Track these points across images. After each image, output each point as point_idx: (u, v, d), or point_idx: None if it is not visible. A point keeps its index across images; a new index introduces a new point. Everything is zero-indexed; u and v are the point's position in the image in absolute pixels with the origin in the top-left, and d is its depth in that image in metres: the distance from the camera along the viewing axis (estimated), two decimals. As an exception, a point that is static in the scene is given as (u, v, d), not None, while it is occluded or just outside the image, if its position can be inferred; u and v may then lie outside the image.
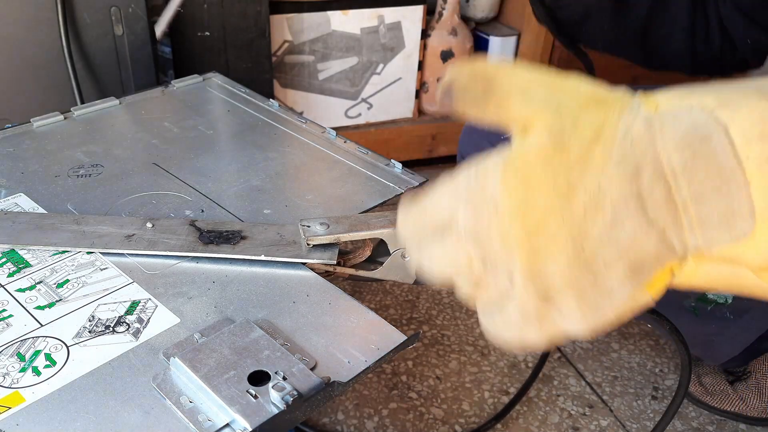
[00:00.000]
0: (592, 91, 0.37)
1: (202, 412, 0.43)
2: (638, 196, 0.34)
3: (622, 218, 0.34)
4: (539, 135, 0.36)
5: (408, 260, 0.58)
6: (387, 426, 1.00)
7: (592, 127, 0.35)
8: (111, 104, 0.83)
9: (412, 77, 1.49)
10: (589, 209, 0.35)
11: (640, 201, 0.34)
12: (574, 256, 0.35)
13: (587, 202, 0.35)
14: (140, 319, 0.51)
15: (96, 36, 1.05)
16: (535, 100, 0.37)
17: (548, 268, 0.35)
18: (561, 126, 0.36)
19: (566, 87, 0.37)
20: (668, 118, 0.34)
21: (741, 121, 0.32)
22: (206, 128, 0.79)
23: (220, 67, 1.23)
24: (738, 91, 0.34)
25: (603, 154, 0.35)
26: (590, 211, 0.35)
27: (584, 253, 0.35)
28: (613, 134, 0.35)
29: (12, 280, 0.54)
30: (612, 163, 0.34)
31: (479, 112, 0.40)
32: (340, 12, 1.36)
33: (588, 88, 0.37)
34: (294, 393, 0.42)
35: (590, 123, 0.35)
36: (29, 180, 0.68)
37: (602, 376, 1.10)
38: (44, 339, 0.49)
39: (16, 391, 0.45)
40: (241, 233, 0.59)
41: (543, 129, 0.36)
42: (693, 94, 0.34)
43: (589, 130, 0.35)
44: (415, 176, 0.71)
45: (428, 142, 1.55)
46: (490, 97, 0.39)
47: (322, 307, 0.52)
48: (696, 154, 0.33)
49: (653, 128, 0.34)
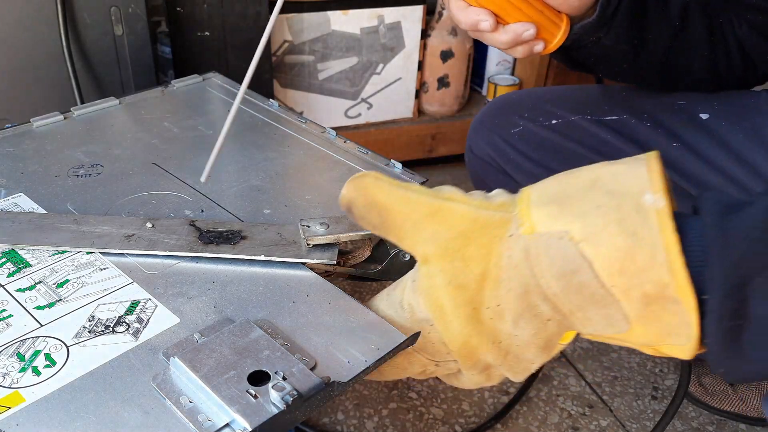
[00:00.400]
0: (474, 217, 0.44)
1: (202, 412, 0.43)
2: (530, 308, 0.43)
3: (521, 324, 0.43)
4: (440, 277, 0.44)
5: (407, 259, 0.58)
6: (387, 426, 1.00)
7: (480, 265, 0.43)
8: (111, 104, 0.83)
9: (412, 77, 1.49)
10: (495, 319, 0.44)
11: (532, 311, 0.43)
12: (496, 350, 0.45)
13: (492, 315, 0.44)
14: (140, 319, 0.51)
15: (96, 36, 1.05)
16: (425, 238, 0.45)
17: (481, 359, 0.46)
18: (453, 269, 0.44)
19: (450, 217, 0.44)
20: (542, 248, 0.41)
21: (603, 258, 0.39)
22: (206, 128, 0.79)
23: (219, 67, 1.23)
24: (601, 218, 0.40)
25: (495, 281, 0.43)
26: (496, 321, 0.44)
27: (502, 345, 0.45)
28: (498, 263, 0.43)
29: (12, 280, 0.54)
30: (504, 288, 0.43)
31: (378, 234, 0.48)
32: (340, 12, 1.36)
33: (470, 213, 0.44)
34: (294, 393, 0.42)
35: (478, 260, 0.43)
36: (29, 180, 0.68)
37: (602, 376, 1.10)
38: (44, 339, 0.49)
39: (16, 391, 0.45)
40: (241, 233, 0.59)
41: (441, 272, 0.44)
42: (562, 216, 0.41)
43: (477, 268, 0.43)
44: (414, 176, 0.71)
45: (428, 142, 1.55)
46: (387, 230, 0.47)
47: (322, 307, 0.52)
48: (570, 284, 0.41)
49: (530, 256, 0.41)
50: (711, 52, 0.73)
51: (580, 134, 0.82)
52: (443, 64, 1.48)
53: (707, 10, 0.72)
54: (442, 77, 1.50)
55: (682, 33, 0.72)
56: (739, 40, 0.73)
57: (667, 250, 0.38)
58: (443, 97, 1.53)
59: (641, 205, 0.39)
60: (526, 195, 0.44)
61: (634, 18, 0.68)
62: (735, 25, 0.73)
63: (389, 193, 0.46)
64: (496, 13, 0.61)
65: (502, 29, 0.62)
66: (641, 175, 0.41)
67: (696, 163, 0.76)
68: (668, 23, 0.71)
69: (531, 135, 0.85)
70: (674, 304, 0.39)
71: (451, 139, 1.56)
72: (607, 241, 0.39)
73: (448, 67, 1.49)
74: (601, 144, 0.81)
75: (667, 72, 0.75)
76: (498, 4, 0.60)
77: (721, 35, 0.73)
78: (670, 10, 0.71)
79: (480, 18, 0.60)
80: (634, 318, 0.40)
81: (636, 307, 0.40)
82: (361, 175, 0.47)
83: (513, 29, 0.61)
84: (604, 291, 0.40)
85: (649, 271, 0.39)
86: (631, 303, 0.40)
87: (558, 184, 0.43)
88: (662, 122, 0.79)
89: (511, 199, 0.45)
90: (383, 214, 0.46)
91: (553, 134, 0.83)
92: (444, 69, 1.49)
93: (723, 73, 0.75)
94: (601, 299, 0.40)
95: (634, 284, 0.39)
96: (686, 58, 0.74)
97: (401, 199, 0.45)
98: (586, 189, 0.42)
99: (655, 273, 0.38)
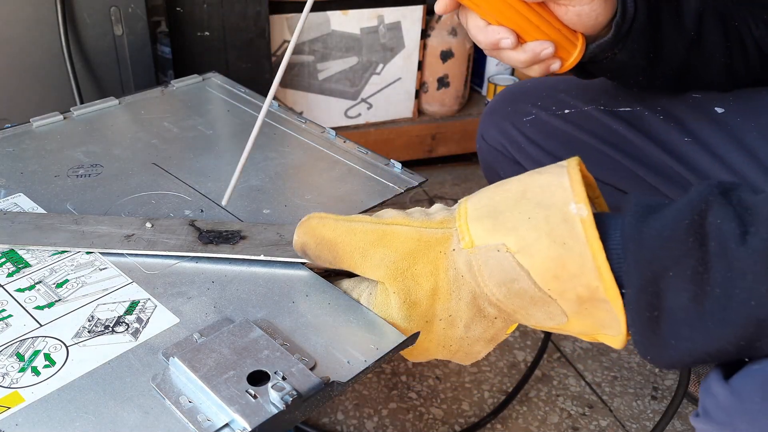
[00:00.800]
0: (417, 237, 0.48)
1: (202, 412, 0.43)
2: (479, 311, 0.48)
3: (473, 327, 0.49)
4: (394, 298, 0.49)
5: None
6: (387, 426, 1.00)
7: (429, 281, 0.48)
8: (110, 104, 0.83)
9: (412, 77, 1.49)
10: (447, 328, 0.49)
11: (482, 313, 0.48)
12: (446, 351, 0.51)
13: (445, 325, 0.49)
14: (139, 319, 0.51)
15: (96, 36, 1.05)
16: (375, 263, 0.49)
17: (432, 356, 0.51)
18: (406, 288, 0.48)
19: (396, 240, 0.49)
20: (482, 260, 0.46)
21: (538, 267, 0.44)
22: (206, 128, 0.79)
23: (219, 67, 1.23)
24: (533, 231, 0.44)
25: (445, 293, 0.48)
26: (448, 329, 0.49)
27: (452, 348, 0.50)
28: (446, 277, 0.47)
29: (11, 280, 0.54)
30: (454, 298, 0.48)
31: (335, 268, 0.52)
32: (339, 12, 1.36)
33: (413, 234, 0.49)
34: (293, 393, 0.42)
35: (426, 276, 0.48)
36: (29, 180, 0.68)
37: (602, 376, 1.10)
38: (43, 339, 0.49)
39: (16, 391, 0.45)
40: (241, 233, 0.59)
41: (395, 293, 0.49)
42: (497, 231, 0.45)
43: (428, 284, 0.48)
44: (414, 176, 0.71)
45: (428, 142, 1.55)
46: (340, 262, 0.50)
47: (321, 307, 0.52)
48: (510, 290, 0.46)
49: (473, 268, 0.46)
50: (728, 57, 0.73)
51: (592, 125, 0.82)
52: (443, 64, 1.48)
53: (722, 15, 0.72)
54: (442, 77, 1.50)
55: (698, 42, 0.71)
56: (757, 41, 0.73)
57: (594, 257, 0.43)
58: (443, 97, 1.53)
59: (567, 215, 0.44)
60: (463, 209, 0.48)
61: (649, 33, 0.68)
62: (752, 26, 0.73)
63: (334, 228, 0.50)
64: (515, 31, 0.61)
65: (521, 48, 0.62)
66: (565, 186, 0.45)
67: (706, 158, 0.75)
68: (684, 34, 0.70)
69: (543, 124, 0.84)
70: (604, 303, 0.44)
71: (450, 139, 1.56)
72: (540, 252, 0.44)
73: (448, 67, 1.49)
74: (612, 135, 0.81)
75: (683, 79, 0.75)
76: (517, 23, 0.61)
77: (738, 38, 0.73)
78: (684, 21, 0.70)
79: (501, 36, 0.61)
80: (572, 314, 0.45)
81: (571, 305, 0.45)
82: (307, 217, 0.51)
83: (531, 48, 0.62)
84: (542, 294, 0.45)
85: (580, 277, 0.43)
86: (567, 303, 0.45)
87: (491, 198, 0.48)
88: (676, 116, 0.79)
89: (450, 215, 0.49)
90: (333, 249, 0.50)
91: (566, 124, 0.83)
92: (444, 69, 1.49)
93: (741, 75, 0.75)
94: (540, 300, 0.45)
95: (567, 288, 0.44)
96: (703, 65, 0.73)
97: (347, 232, 0.49)
98: (516, 201, 0.46)
99: (586, 278, 0.43)
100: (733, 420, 0.45)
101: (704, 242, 0.41)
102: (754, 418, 0.43)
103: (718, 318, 0.41)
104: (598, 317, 0.45)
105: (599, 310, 0.44)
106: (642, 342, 0.44)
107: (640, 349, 0.44)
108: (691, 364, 0.45)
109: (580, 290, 0.44)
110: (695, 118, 0.78)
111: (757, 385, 0.44)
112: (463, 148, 1.57)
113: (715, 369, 0.48)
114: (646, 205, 0.44)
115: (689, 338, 0.42)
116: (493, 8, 0.60)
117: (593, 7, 0.62)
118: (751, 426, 0.44)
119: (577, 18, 0.62)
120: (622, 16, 0.65)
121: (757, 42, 0.73)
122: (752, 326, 0.40)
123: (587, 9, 0.62)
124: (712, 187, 0.43)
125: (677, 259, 0.41)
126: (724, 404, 0.46)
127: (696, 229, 0.41)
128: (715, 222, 0.41)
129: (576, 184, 0.44)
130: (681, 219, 0.42)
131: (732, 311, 0.40)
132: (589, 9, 0.62)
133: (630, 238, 0.43)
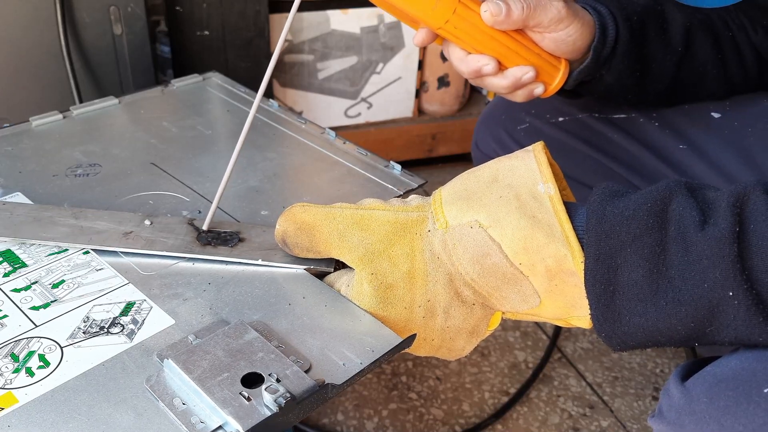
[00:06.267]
0: (394, 220, 0.50)
1: (195, 414, 0.42)
2: (456, 295, 0.49)
3: (452, 313, 0.49)
4: (367, 283, 0.49)
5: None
6: (387, 427, 0.99)
7: (405, 262, 0.49)
8: (110, 104, 0.83)
9: (412, 77, 1.48)
10: (427, 317, 0.49)
11: (459, 297, 0.49)
12: (428, 346, 0.51)
13: (424, 314, 0.49)
14: (135, 321, 0.50)
15: (95, 35, 1.05)
16: (352, 245, 0.50)
17: (421, 352, 0.51)
18: (383, 270, 0.49)
19: (373, 223, 0.50)
20: (457, 238, 0.47)
21: (509, 239, 0.46)
22: (205, 128, 0.79)
23: (219, 66, 1.23)
24: (503, 207, 0.46)
25: (422, 275, 0.49)
26: (428, 319, 0.49)
27: (434, 342, 0.50)
28: (422, 258, 0.49)
29: (7, 280, 0.54)
30: (431, 280, 0.49)
31: (313, 256, 0.53)
32: (339, 11, 1.36)
33: (390, 217, 0.50)
34: (287, 395, 0.41)
35: (403, 258, 0.49)
36: (27, 179, 0.68)
37: (603, 377, 1.09)
38: (38, 340, 0.49)
39: (9, 391, 0.44)
40: (239, 235, 0.58)
41: (370, 276, 0.49)
42: (470, 209, 0.47)
43: (404, 266, 0.49)
44: (414, 178, 0.70)
45: (428, 142, 1.54)
46: (317, 246, 0.51)
47: (318, 309, 0.52)
48: (484, 267, 0.47)
49: (448, 247, 0.48)
50: (721, 68, 0.73)
51: (587, 133, 0.82)
52: (443, 64, 1.48)
53: (712, 27, 0.72)
54: (442, 77, 1.50)
55: (688, 57, 0.71)
56: (755, 46, 0.73)
57: (561, 226, 0.45)
58: (443, 97, 1.53)
59: (536, 193, 0.47)
60: (438, 195, 0.50)
61: (634, 53, 0.68)
62: (750, 32, 0.72)
63: (315, 213, 0.51)
64: (496, 58, 0.62)
65: (501, 74, 0.64)
66: (533, 168, 0.48)
67: (702, 166, 0.75)
68: (672, 51, 0.70)
69: (537, 132, 0.84)
70: (572, 276, 0.45)
71: (451, 138, 1.55)
72: (510, 224, 0.46)
73: (448, 66, 1.49)
74: (606, 144, 0.80)
75: (675, 94, 0.75)
76: (496, 50, 0.62)
77: (732, 46, 0.72)
78: (671, 37, 0.70)
79: (482, 63, 0.63)
80: (543, 292, 0.47)
81: (542, 281, 0.46)
82: (290, 206, 0.53)
83: (512, 73, 0.63)
84: (514, 269, 0.46)
85: (549, 246, 0.45)
86: (537, 277, 0.46)
87: (464, 183, 0.50)
88: (671, 122, 0.78)
89: (425, 201, 0.51)
90: (312, 232, 0.51)
91: (560, 132, 0.83)
92: (444, 68, 1.49)
93: (738, 83, 0.75)
94: (512, 277, 0.47)
95: (537, 260, 0.45)
96: (696, 78, 0.73)
97: (326, 216, 0.51)
98: (488, 183, 0.48)
99: (554, 247, 0.45)
100: (682, 420, 0.46)
101: (664, 226, 0.43)
102: (700, 418, 0.44)
103: (671, 297, 0.42)
104: (569, 295, 0.46)
105: (568, 286, 0.46)
106: (597, 316, 0.45)
107: (596, 324, 0.46)
108: (644, 343, 0.46)
109: (549, 262, 0.45)
110: (691, 123, 0.78)
111: (706, 387, 0.45)
112: (464, 147, 1.57)
113: (676, 370, 0.49)
114: (614, 190, 0.47)
115: (642, 314, 0.44)
116: (471, 38, 0.61)
117: (569, 33, 0.63)
118: (697, 426, 0.45)
119: (555, 44, 0.63)
120: (601, 40, 0.65)
121: (756, 47, 0.73)
122: (704, 309, 0.42)
123: (563, 35, 0.63)
124: (679, 182, 0.45)
125: (636, 236, 0.43)
126: (677, 405, 0.47)
127: (657, 213, 0.44)
128: (678, 209, 0.43)
129: (543, 166, 0.48)
130: (644, 203, 0.44)
131: (685, 292, 0.42)
132: (564, 35, 0.63)
133: (593, 213, 0.45)
